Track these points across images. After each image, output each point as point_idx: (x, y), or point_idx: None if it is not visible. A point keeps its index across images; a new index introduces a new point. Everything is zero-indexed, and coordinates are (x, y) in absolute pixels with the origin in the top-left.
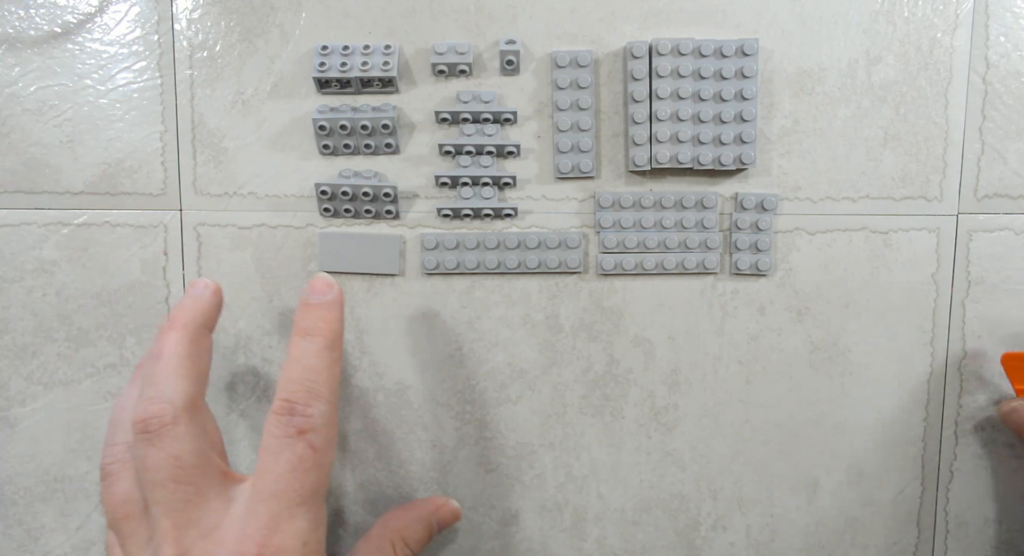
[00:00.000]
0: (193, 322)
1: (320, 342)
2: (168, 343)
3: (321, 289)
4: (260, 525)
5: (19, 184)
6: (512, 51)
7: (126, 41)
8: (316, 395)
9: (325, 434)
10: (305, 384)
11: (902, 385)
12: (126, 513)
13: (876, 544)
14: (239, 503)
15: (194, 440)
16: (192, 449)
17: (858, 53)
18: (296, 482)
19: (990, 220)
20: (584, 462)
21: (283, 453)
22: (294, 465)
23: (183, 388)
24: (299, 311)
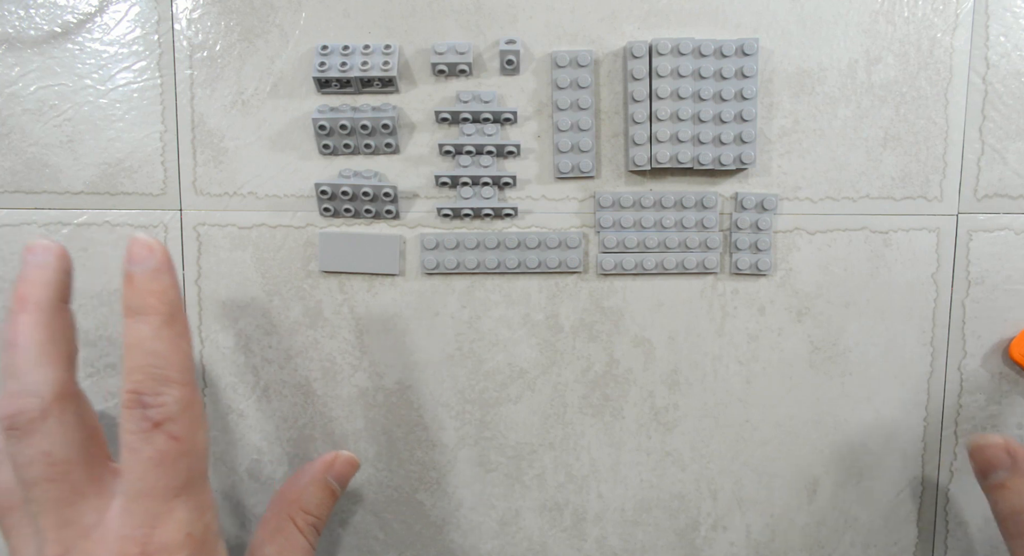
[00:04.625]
0: (46, 298)
1: (155, 320)
2: (23, 328)
3: (142, 256)
4: (138, 524)
5: (19, 184)
6: (512, 51)
7: (126, 41)
8: (164, 380)
9: (186, 420)
10: (149, 371)
11: (902, 385)
12: (9, 505)
13: (876, 544)
14: (118, 500)
15: (67, 433)
16: (65, 443)
17: (858, 53)
18: (165, 476)
19: (990, 220)
20: (584, 462)
21: (143, 449)
22: (158, 460)
23: (49, 377)
24: (124, 287)
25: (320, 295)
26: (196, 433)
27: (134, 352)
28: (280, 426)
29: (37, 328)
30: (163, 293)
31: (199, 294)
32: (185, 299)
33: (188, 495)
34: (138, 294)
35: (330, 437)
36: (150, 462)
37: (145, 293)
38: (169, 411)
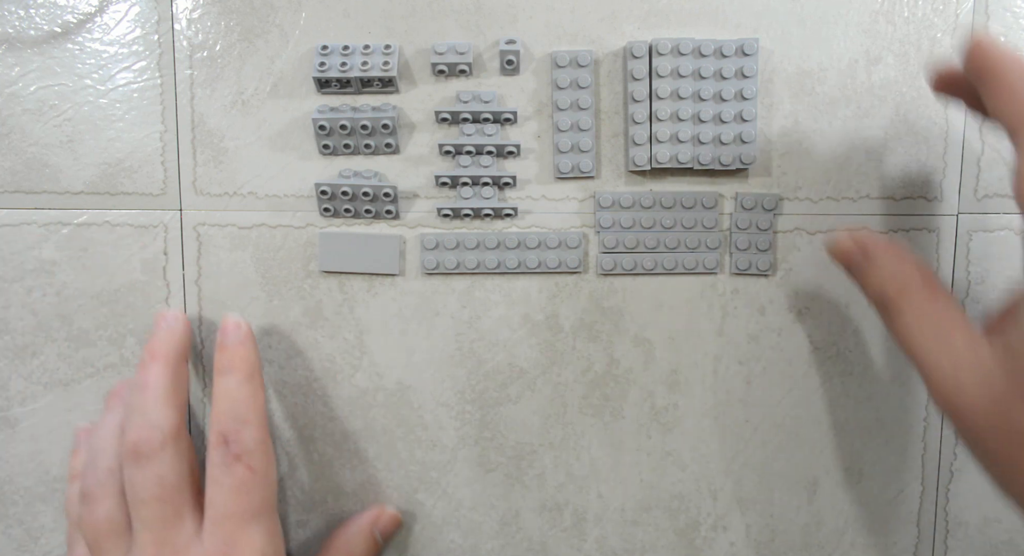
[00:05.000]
0: (172, 353)
1: (239, 376)
2: (152, 374)
3: (232, 330)
4: (220, 544)
5: (19, 184)
6: (512, 51)
7: (126, 41)
8: (244, 422)
9: (260, 454)
10: (232, 414)
11: (902, 385)
12: (107, 531)
13: (876, 544)
14: (206, 525)
15: (178, 464)
16: (175, 471)
17: (858, 53)
18: (243, 502)
19: (990, 220)
20: (584, 462)
21: (225, 479)
22: (237, 487)
23: (169, 416)
24: (216, 353)
25: (320, 295)
26: (269, 467)
27: (220, 401)
28: (280, 426)
29: (163, 375)
30: (246, 357)
31: (199, 294)
32: (185, 299)
33: (262, 521)
34: (228, 357)
35: (330, 437)
36: (231, 490)
37: (233, 357)
38: (247, 446)
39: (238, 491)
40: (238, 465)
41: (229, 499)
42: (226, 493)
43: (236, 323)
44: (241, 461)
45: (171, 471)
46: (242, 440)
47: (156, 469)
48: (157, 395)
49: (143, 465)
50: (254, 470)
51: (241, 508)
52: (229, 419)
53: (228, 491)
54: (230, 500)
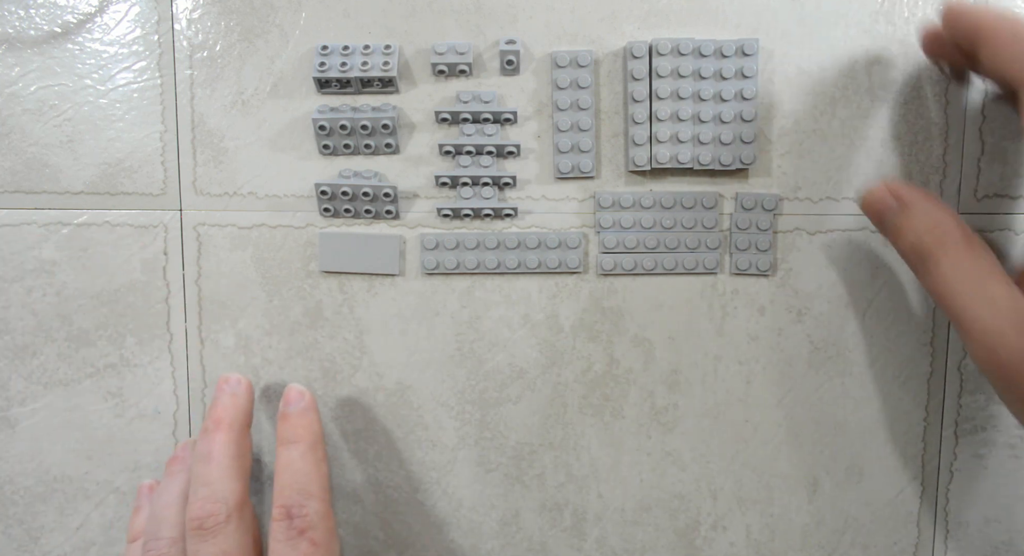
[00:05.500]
0: (237, 421)
1: (303, 446)
2: (217, 444)
3: (295, 399)
4: None
5: (19, 184)
6: (512, 51)
7: (126, 41)
8: (308, 495)
9: (323, 528)
10: (296, 487)
11: (902, 385)
12: None
13: (876, 544)
14: None
15: (242, 537)
16: (240, 546)
17: (858, 53)
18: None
19: (990, 220)
20: (584, 462)
21: (290, 554)
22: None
23: (234, 488)
24: (279, 423)
25: (320, 295)
26: (331, 540)
27: (284, 473)
28: None
29: (229, 445)
30: (309, 426)
31: (199, 294)
32: (185, 299)
33: None
34: (291, 427)
35: (330, 437)
36: None
37: (296, 426)
38: (311, 521)
39: None
40: (302, 540)
41: None
42: None
43: (300, 392)
44: (305, 536)
45: (236, 546)
46: (306, 514)
47: (222, 544)
48: (222, 466)
49: (208, 540)
50: (317, 544)
51: None
52: (293, 492)
53: None
54: None
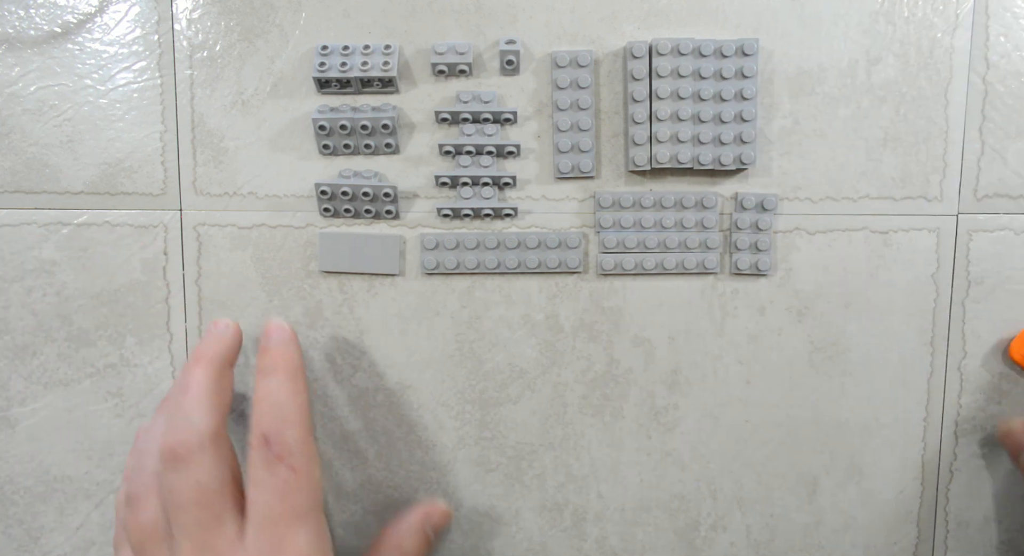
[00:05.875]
0: (217, 357)
1: (281, 376)
2: (195, 377)
3: (275, 332)
4: (265, 547)
5: (19, 184)
6: (512, 51)
7: (126, 41)
8: (286, 422)
9: (303, 454)
10: (273, 414)
11: (902, 385)
12: (151, 535)
13: (876, 544)
14: (249, 528)
15: (216, 468)
16: (214, 476)
17: (858, 53)
18: (287, 503)
19: (990, 220)
20: (584, 462)
21: (268, 481)
22: (281, 489)
23: (208, 419)
24: (259, 356)
25: (320, 295)
26: (312, 467)
27: (262, 403)
28: None
29: (207, 378)
30: (288, 357)
31: (199, 294)
32: (185, 299)
33: (307, 522)
34: (270, 358)
35: (330, 437)
36: (274, 491)
37: (275, 357)
38: (289, 447)
39: (281, 492)
40: (280, 466)
41: (272, 501)
42: (269, 495)
43: (279, 325)
44: (284, 461)
45: (209, 475)
46: (284, 441)
47: (195, 473)
48: (198, 397)
49: (181, 469)
50: (297, 470)
51: (285, 510)
52: (271, 420)
53: (271, 493)
54: (273, 502)
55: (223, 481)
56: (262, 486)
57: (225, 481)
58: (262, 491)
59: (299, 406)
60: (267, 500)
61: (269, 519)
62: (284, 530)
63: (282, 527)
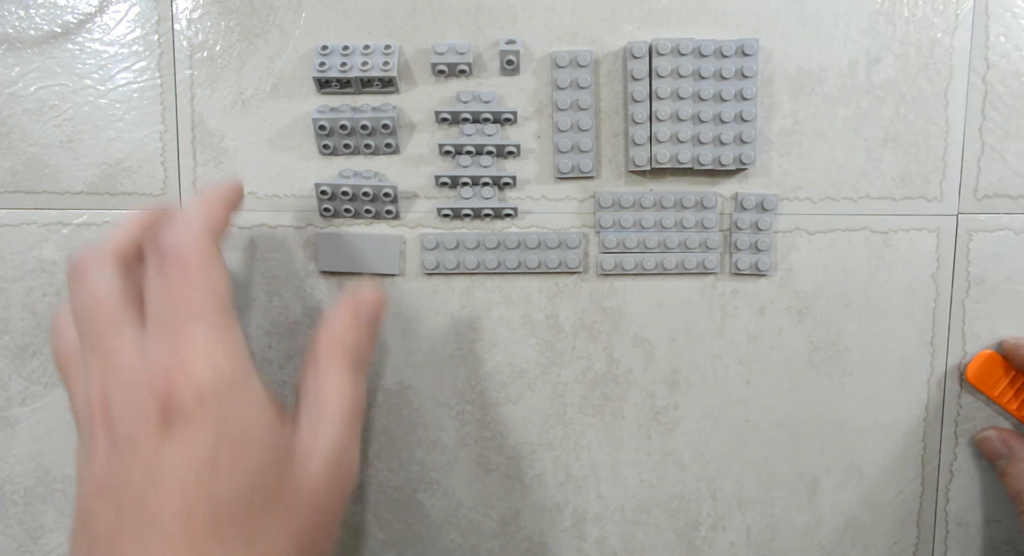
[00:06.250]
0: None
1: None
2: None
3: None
4: (160, 348)
5: (19, 184)
6: (512, 51)
7: (126, 41)
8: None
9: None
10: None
11: (902, 385)
12: (69, 356)
13: (876, 544)
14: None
15: (112, 281)
16: (111, 288)
17: (858, 53)
18: (180, 302)
19: (990, 220)
20: (584, 462)
21: (159, 283)
22: (171, 290)
23: (115, 240)
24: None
25: (320, 295)
26: (211, 268)
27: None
28: None
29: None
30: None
31: None
32: None
33: (206, 320)
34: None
35: None
36: (165, 292)
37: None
38: (181, 251)
39: (172, 293)
40: (170, 267)
41: (163, 302)
42: (160, 296)
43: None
44: (174, 264)
45: (106, 286)
46: (176, 245)
47: (90, 285)
48: (124, 222)
49: (81, 281)
50: (189, 270)
51: (178, 309)
52: (162, 224)
53: (162, 294)
54: (164, 303)
55: (122, 293)
56: (154, 289)
57: (125, 293)
58: (154, 294)
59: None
60: (159, 301)
61: (161, 319)
62: (178, 329)
63: (176, 326)
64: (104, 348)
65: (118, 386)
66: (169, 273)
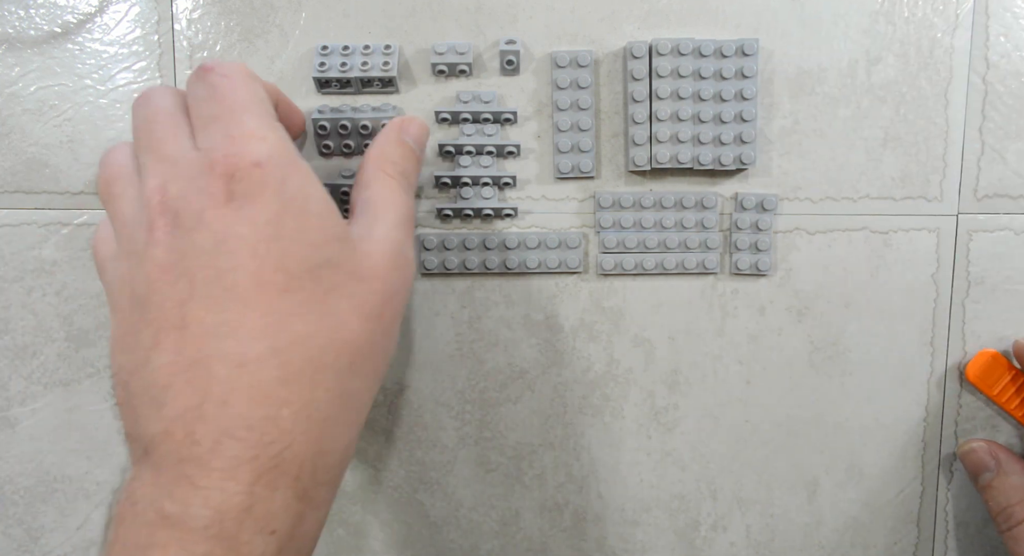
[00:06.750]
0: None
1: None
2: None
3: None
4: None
5: (19, 184)
6: (512, 51)
7: (126, 41)
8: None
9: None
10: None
11: (902, 385)
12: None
13: (876, 544)
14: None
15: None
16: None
17: (858, 53)
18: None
19: (990, 220)
20: (584, 462)
21: (203, 92)
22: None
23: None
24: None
25: None
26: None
27: None
28: None
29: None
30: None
31: None
32: None
33: (255, 114)
34: None
35: None
36: (209, 94)
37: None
38: (219, 63)
39: (216, 92)
40: (210, 74)
41: (209, 103)
42: (206, 99)
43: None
44: (213, 72)
45: (166, 101)
46: (213, 62)
47: (152, 102)
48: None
49: (143, 102)
50: (230, 76)
51: (225, 105)
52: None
53: (207, 97)
54: (211, 103)
55: (181, 109)
56: (198, 98)
57: (183, 110)
58: (199, 101)
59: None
60: (205, 105)
61: (210, 118)
62: (228, 121)
63: (225, 119)
64: (163, 150)
65: (178, 176)
66: (212, 80)
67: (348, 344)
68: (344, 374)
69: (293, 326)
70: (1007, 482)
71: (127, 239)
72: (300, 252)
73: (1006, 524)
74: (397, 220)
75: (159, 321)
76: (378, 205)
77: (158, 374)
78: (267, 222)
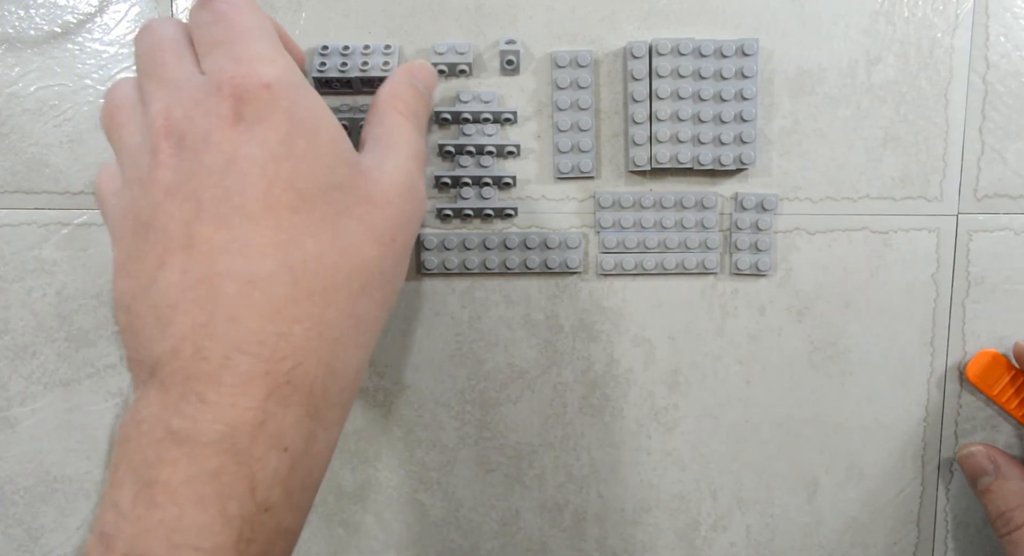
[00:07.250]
0: None
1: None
2: None
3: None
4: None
5: (19, 184)
6: (512, 51)
7: (126, 41)
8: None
9: None
10: None
11: (902, 385)
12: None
13: (876, 544)
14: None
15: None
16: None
17: (858, 53)
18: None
19: (990, 220)
20: (584, 462)
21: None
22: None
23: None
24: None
25: None
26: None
27: None
28: None
29: None
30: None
31: None
32: None
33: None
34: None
35: None
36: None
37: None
38: None
39: (222, 17)
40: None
41: (214, 28)
42: (211, 25)
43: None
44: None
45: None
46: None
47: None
48: None
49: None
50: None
51: (231, 30)
52: None
53: (212, 23)
54: (216, 29)
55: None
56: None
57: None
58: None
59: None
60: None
61: (216, 42)
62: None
63: (231, 42)
64: (166, 75)
65: (184, 100)
66: (215, 6)
67: (360, 266)
68: (355, 296)
69: (305, 244)
70: (1005, 486)
71: (131, 167)
72: (311, 172)
73: (1005, 528)
74: (410, 154)
75: (164, 242)
76: (391, 138)
77: (164, 294)
78: (278, 142)
